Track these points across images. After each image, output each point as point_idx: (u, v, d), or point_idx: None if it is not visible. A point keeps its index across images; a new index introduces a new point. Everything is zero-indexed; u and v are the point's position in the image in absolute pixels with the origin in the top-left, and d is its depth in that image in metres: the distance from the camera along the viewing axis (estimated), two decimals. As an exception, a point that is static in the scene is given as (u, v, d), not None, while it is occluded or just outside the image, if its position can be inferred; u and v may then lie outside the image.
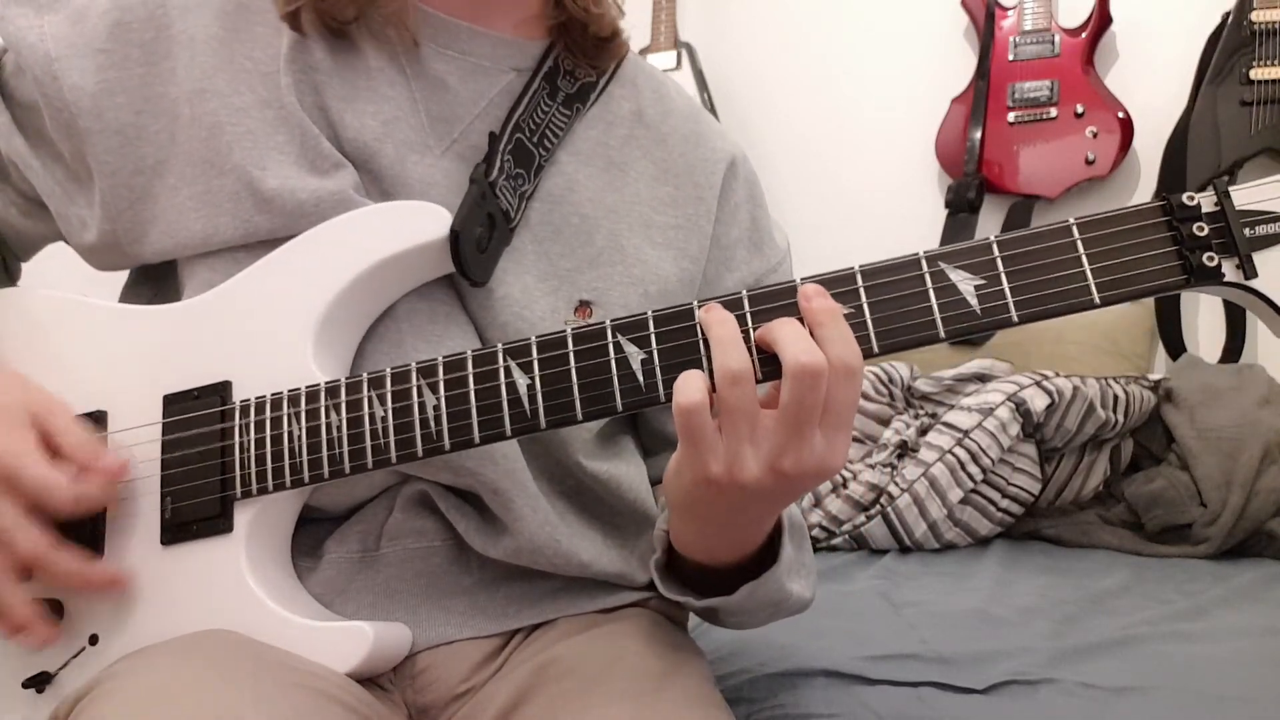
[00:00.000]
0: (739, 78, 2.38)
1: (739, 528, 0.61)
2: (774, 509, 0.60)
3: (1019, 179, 2.04)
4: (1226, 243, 0.53)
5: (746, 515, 0.59)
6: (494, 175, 0.68)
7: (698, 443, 0.53)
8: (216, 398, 0.65)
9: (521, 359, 0.59)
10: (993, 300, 0.55)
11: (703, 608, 0.67)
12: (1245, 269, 0.53)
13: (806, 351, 0.52)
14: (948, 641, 0.96)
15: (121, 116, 0.68)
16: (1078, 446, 1.52)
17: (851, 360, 0.53)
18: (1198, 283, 0.53)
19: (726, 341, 0.54)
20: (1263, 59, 1.81)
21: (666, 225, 0.75)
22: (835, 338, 0.53)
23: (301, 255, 0.66)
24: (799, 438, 0.52)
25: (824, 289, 0.55)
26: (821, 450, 0.53)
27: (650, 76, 0.80)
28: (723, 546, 0.63)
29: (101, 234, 0.69)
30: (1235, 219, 0.53)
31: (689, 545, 0.64)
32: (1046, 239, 0.55)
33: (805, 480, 0.54)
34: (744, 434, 0.53)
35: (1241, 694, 0.83)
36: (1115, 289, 0.54)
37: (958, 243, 0.56)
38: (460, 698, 0.67)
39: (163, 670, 0.56)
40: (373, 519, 0.69)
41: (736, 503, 0.56)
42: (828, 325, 0.53)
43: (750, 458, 0.53)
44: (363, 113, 0.68)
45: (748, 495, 0.54)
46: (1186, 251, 0.53)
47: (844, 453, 0.54)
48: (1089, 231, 0.54)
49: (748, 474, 0.53)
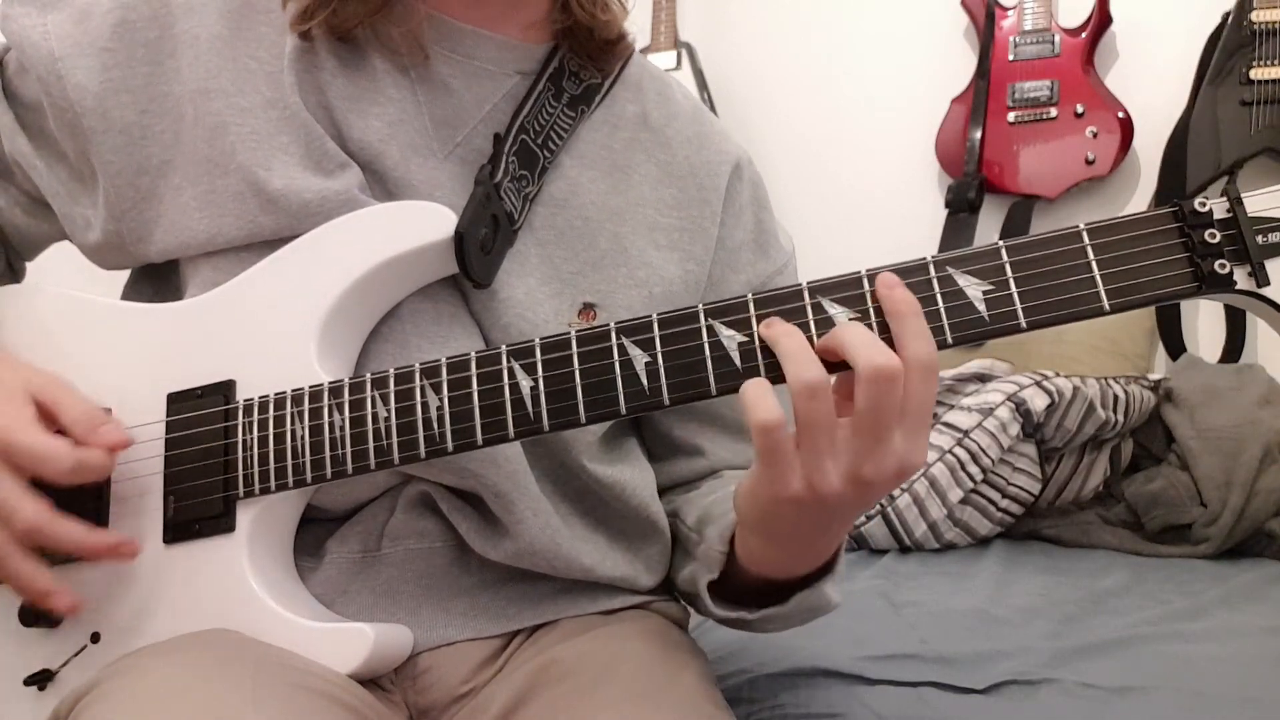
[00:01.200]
0: (739, 78, 2.37)
1: (820, 545, 0.59)
2: (854, 518, 0.58)
3: (1019, 179, 2.04)
4: (1239, 250, 0.52)
5: (830, 533, 0.57)
6: (499, 177, 0.68)
7: (778, 461, 0.51)
8: (220, 396, 0.65)
9: (525, 360, 0.59)
10: (1001, 306, 0.54)
11: (755, 619, 0.65)
12: (1257, 276, 0.52)
13: (881, 354, 0.50)
14: (948, 641, 0.96)
15: (126, 116, 0.68)
16: (1078, 446, 1.52)
17: (929, 357, 0.51)
18: (1209, 290, 0.52)
19: (798, 353, 0.52)
20: (1263, 59, 1.81)
21: (670, 227, 0.75)
22: (914, 332, 0.51)
23: (306, 255, 0.66)
24: (879, 442, 0.50)
25: (898, 279, 0.54)
26: (902, 452, 0.51)
27: (655, 78, 0.80)
28: (801, 561, 0.61)
29: (105, 233, 0.70)
30: (1248, 226, 0.52)
31: (763, 563, 0.61)
32: (1056, 245, 0.54)
33: (887, 484, 0.52)
34: (824, 448, 0.51)
35: (1241, 694, 0.83)
36: (1125, 296, 0.53)
37: (966, 247, 0.55)
38: (461, 698, 0.67)
39: (164, 670, 0.56)
40: (374, 519, 0.69)
41: (820, 519, 0.54)
42: (908, 318, 0.52)
43: (831, 469, 0.51)
44: (367, 114, 0.68)
45: (829, 509, 0.53)
46: (1198, 259, 0.52)
47: (924, 450, 0.52)
48: (1099, 238, 0.53)
49: (830, 488, 0.51)
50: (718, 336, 0.56)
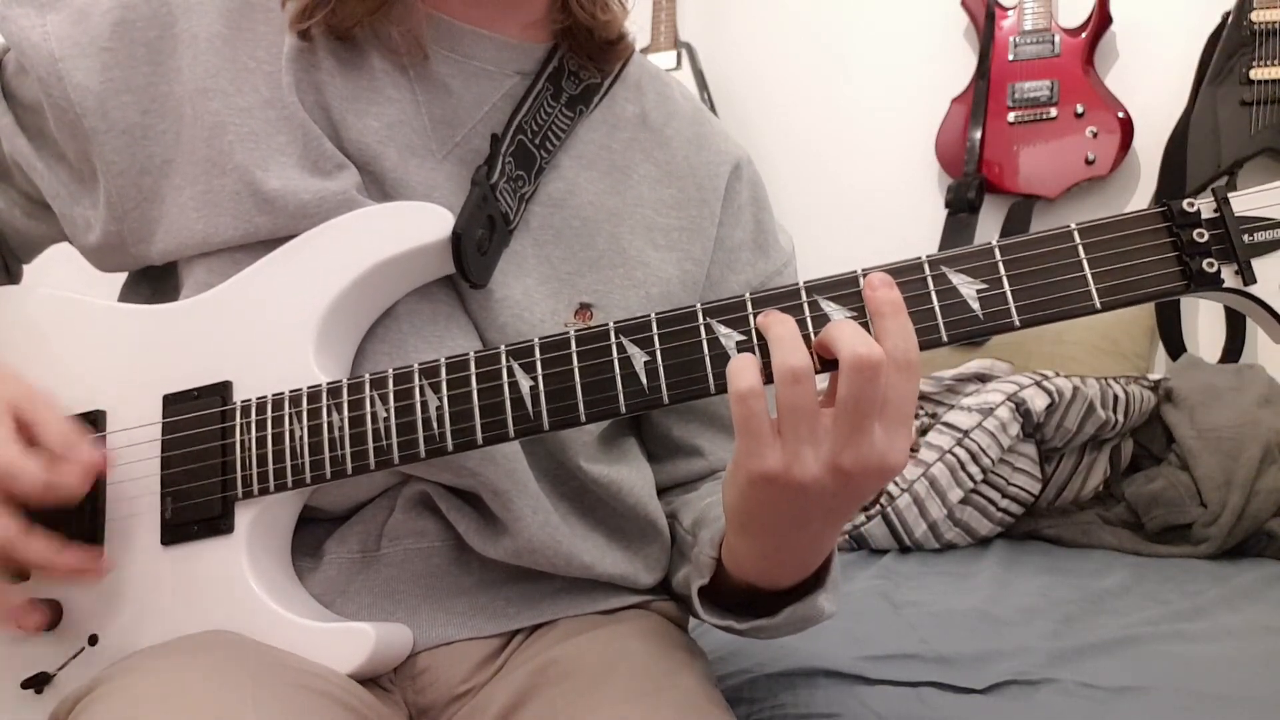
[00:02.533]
0: (739, 78, 2.38)
1: (801, 546, 0.58)
2: (836, 519, 0.57)
3: (1019, 179, 2.04)
4: (1226, 249, 0.53)
5: (809, 530, 0.56)
6: (495, 178, 0.68)
7: (755, 433, 0.52)
8: (217, 398, 0.65)
9: (524, 360, 0.59)
10: (994, 304, 0.55)
11: (745, 629, 0.65)
12: (1244, 275, 0.53)
13: (864, 344, 0.50)
14: (948, 641, 0.96)
15: (128, 116, 0.68)
16: (1078, 446, 1.52)
17: (909, 353, 0.52)
18: (1197, 288, 0.54)
19: (786, 339, 0.52)
20: (1263, 59, 1.81)
21: (669, 227, 0.75)
22: (895, 329, 0.52)
23: (303, 255, 0.66)
24: (859, 432, 0.51)
25: (891, 279, 0.54)
26: (882, 446, 0.51)
27: (654, 78, 0.80)
28: (784, 569, 0.60)
29: (106, 234, 0.69)
30: (1234, 225, 0.53)
31: (746, 566, 0.61)
32: (1048, 244, 0.55)
33: (868, 479, 0.52)
34: (803, 434, 0.51)
35: (1241, 694, 0.83)
36: (1116, 294, 0.54)
37: (960, 247, 0.56)
38: (461, 698, 0.67)
39: (162, 672, 0.55)
40: (373, 519, 0.69)
41: (798, 509, 0.54)
42: (889, 317, 0.52)
43: (810, 457, 0.51)
44: (365, 114, 0.68)
45: (809, 499, 0.53)
46: (1186, 257, 0.53)
47: (905, 450, 0.52)
48: (1090, 237, 0.54)
49: (807, 473, 0.51)
50: (716, 335, 0.57)
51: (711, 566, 0.64)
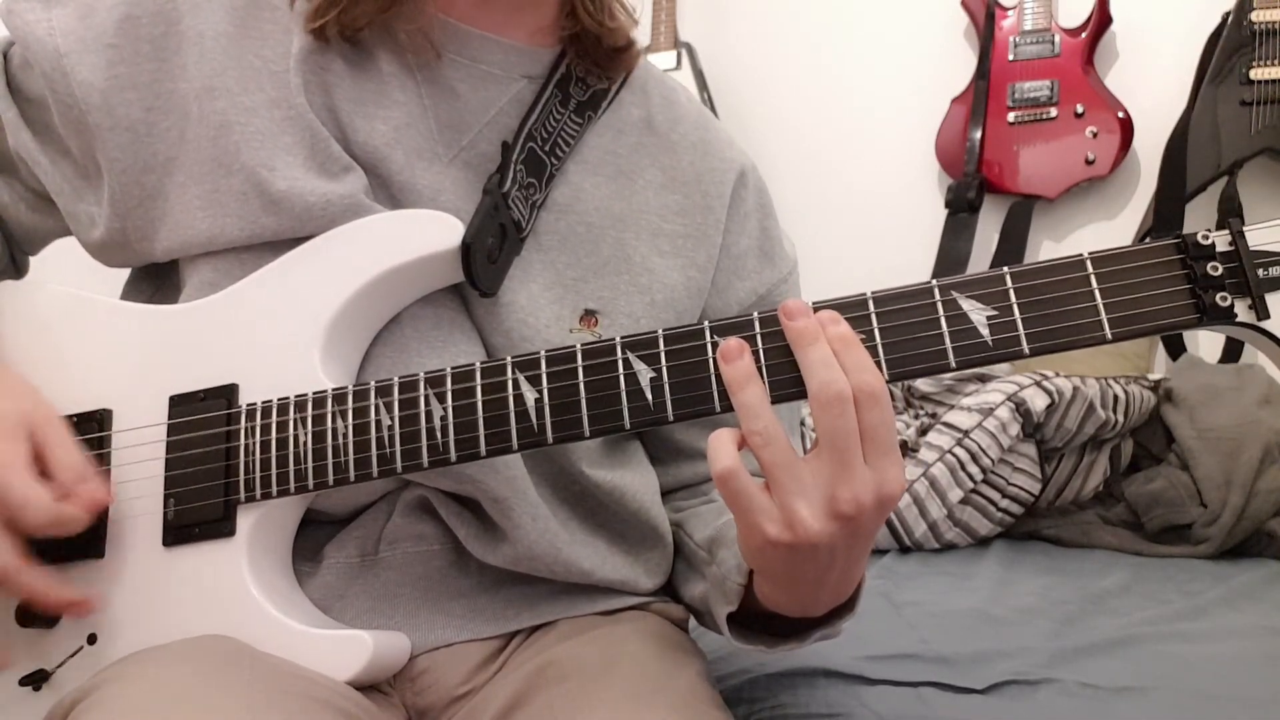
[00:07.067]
0: (739, 78, 2.37)
1: (830, 584, 0.57)
2: (858, 555, 0.56)
3: (1019, 179, 2.04)
4: (1240, 283, 0.53)
5: (834, 570, 0.56)
6: (507, 186, 0.67)
7: (746, 508, 0.52)
8: (223, 400, 0.65)
9: (530, 372, 0.59)
10: (1005, 332, 0.54)
11: (774, 652, 0.64)
12: (1258, 310, 0.52)
13: (829, 380, 0.51)
14: (948, 641, 0.96)
15: (132, 113, 0.68)
16: (1078, 446, 1.53)
17: (873, 384, 0.51)
18: (1210, 322, 0.53)
19: (754, 406, 0.52)
20: (1263, 59, 1.81)
21: (674, 234, 0.74)
22: (851, 365, 0.52)
23: (312, 260, 0.66)
24: (845, 470, 0.50)
25: (839, 315, 0.54)
26: (873, 480, 0.51)
27: (660, 83, 0.80)
28: (817, 603, 0.60)
29: (110, 231, 0.69)
30: (1250, 259, 0.53)
31: (779, 605, 0.60)
32: (1060, 272, 0.54)
33: (870, 515, 0.51)
34: (791, 488, 0.51)
35: (1241, 694, 0.83)
36: (1127, 325, 0.53)
37: (971, 273, 0.56)
38: (459, 700, 0.67)
39: (158, 677, 0.55)
40: (372, 524, 0.69)
41: (816, 563, 0.54)
42: (842, 353, 0.52)
43: (805, 510, 0.51)
44: (373, 117, 0.68)
45: (822, 551, 0.52)
46: (1200, 291, 0.53)
47: (898, 477, 0.52)
48: (1102, 266, 0.54)
49: (810, 529, 0.51)
50: None
51: (740, 594, 0.63)
